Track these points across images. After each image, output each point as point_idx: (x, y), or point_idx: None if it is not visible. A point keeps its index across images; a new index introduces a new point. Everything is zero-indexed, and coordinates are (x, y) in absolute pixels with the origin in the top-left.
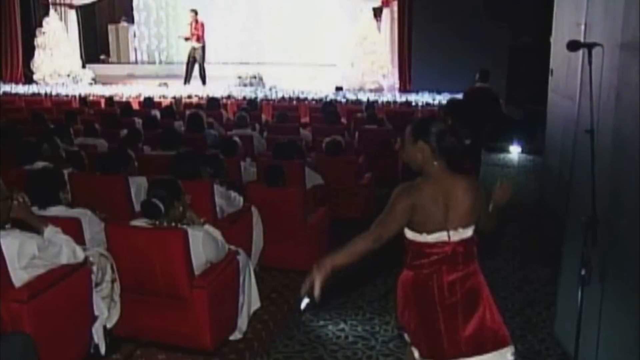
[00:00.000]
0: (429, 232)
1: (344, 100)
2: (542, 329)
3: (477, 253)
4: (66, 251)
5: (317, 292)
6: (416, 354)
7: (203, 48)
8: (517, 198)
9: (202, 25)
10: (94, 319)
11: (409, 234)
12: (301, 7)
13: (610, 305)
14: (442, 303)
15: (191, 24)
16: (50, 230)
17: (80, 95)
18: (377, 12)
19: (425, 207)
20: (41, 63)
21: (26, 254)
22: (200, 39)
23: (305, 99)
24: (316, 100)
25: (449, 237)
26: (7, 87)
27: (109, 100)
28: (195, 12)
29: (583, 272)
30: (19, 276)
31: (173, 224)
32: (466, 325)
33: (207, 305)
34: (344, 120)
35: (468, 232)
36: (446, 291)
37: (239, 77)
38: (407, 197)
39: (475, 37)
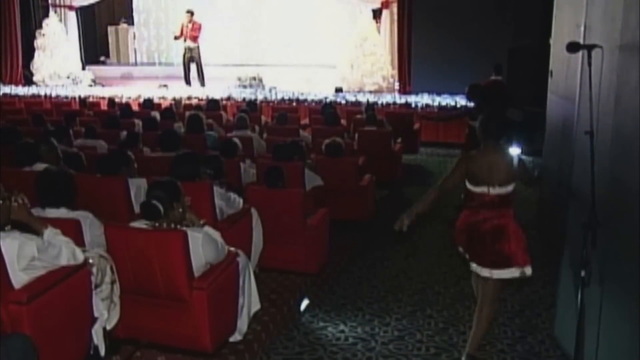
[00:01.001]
0: (476, 185)
1: (343, 101)
2: (542, 330)
3: (511, 203)
4: (66, 253)
5: (405, 227)
6: (473, 266)
7: (198, 48)
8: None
9: (200, 26)
10: (94, 320)
11: (467, 184)
12: (301, 8)
13: (610, 307)
14: (479, 229)
15: (183, 24)
16: (49, 232)
17: (80, 97)
18: (377, 14)
19: (474, 171)
20: (41, 64)
21: (26, 256)
22: (196, 39)
23: (305, 100)
24: (316, 102)
25: (488, 190)
26: (7, 89)
27: (111, 101)
28: (191, 12)
29: (583, 274)
30: (18, 278)
31: (172, 226)
32: (493, 247)
33: (206, 307)
34: (343, 121)
35: (505, 189)
36: (482, 222)
37: (239, 79)
38: (464, 163)
39: (475, 39)
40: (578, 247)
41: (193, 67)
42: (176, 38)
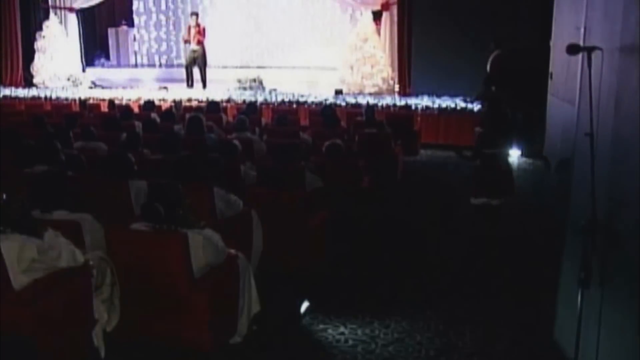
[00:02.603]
0: None
1: (343, 103)
2: (542, 332)
3: None
4: (66, 255)
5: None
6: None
7: (204, 50)
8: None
9: (204, 28)
10: (94, 322)
11: None
12: (301, 10)
13: (610, 309)
14: None
15: (189, 27)
16: (50, 234)
17: (80, 99)
18: (377, 16)
19: None
20: (41, 67)
21: (26, 258)
22: (201, 42)
23: (305, 102)
24: (316, 104)
25: None
26: (7, 91)
27: (111, 103)
28: (196, 14)
29: (583, 276)
30: (18, 280)
31: (173, 228)
32: None
33: (206, 309)
34: (343, 123)
35: None
36: None
37: (239, 81)
38: None
39: (475, 40)
40: (578, 249)
41: (196, 69)
42: (186, 41)
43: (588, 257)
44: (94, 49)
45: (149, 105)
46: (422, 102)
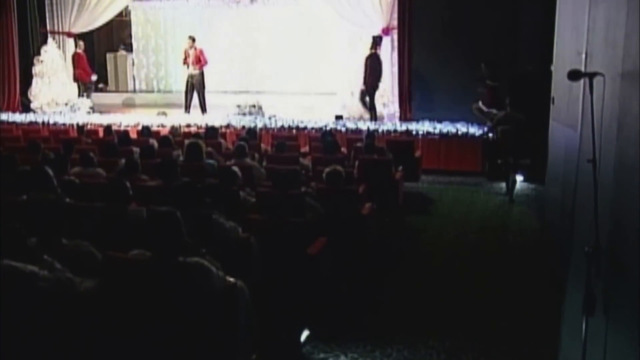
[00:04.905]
0: None
1: (343, 129)
2: None
3: None
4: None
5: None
6: None
7: (202, 75)
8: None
9: (201, 51)
10: None
11: None
12: (300, 35)
13: (616, 337)
14: None
15: (186, 50)
16: (47, 262)
17: (77, 124)
18: (377, 41)
19: None
20: (39, 92)
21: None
22: (199, 66)
23: (305, 128)
24: (316, 130)
25: None
26: (5, 116)
27: (107, 129)
28: (192, 38)
29: (587, 303)
30: None
31: (171, 256)
32: None
33: (204, 337)
34: (343, 149)
35: None
36: None
37: (238, 106)
38: None
39: (476, 65)
40: (582, 275)
41: (195, 94)
42: (185, 64)
43: (592, 285)
44: (93, 74)
45: (147, 130)
46: (424, 127)
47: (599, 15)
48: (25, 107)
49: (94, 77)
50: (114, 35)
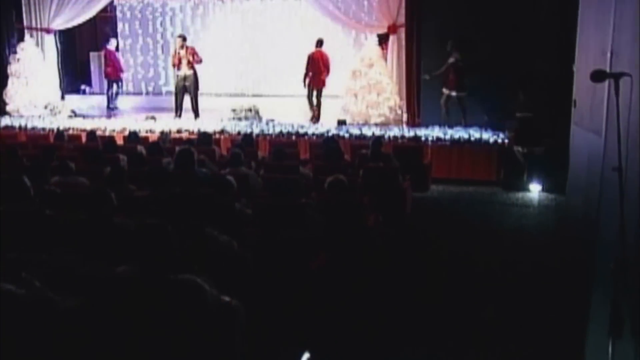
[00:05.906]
0: None
1: (347, 135)
2: None
3: None
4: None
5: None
6: None
7: (195, 76)
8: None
9: (194, 50)
10: None
11: None
12: (300, 34)
13: None
14: None
15: (176, 50)
16: (25, 278)
17: (58, 129)
18: (383, 40)
19: None
20: (15, 93)
21: None
22: (193, 66)
23: (305, 134)
24: (317, 136)
25: None
26: None
27: (91, 134)
28: (183, 37)
29: (614, 324)
30: None
31: (161, 273)
32: None
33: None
34: (347, 157)
35: None
36: None
37: (233, 110)
38: None
39: (490, 65)
40: (607, 294)
41: (187, 97)
42: (174, 66)
43: (619, 303)
44: (74, 74)
45: (134, 136)
46: (433, 133)
47: (626, 11)
48: (1, 110)
49: (123, 75)
50: (98, 32)
